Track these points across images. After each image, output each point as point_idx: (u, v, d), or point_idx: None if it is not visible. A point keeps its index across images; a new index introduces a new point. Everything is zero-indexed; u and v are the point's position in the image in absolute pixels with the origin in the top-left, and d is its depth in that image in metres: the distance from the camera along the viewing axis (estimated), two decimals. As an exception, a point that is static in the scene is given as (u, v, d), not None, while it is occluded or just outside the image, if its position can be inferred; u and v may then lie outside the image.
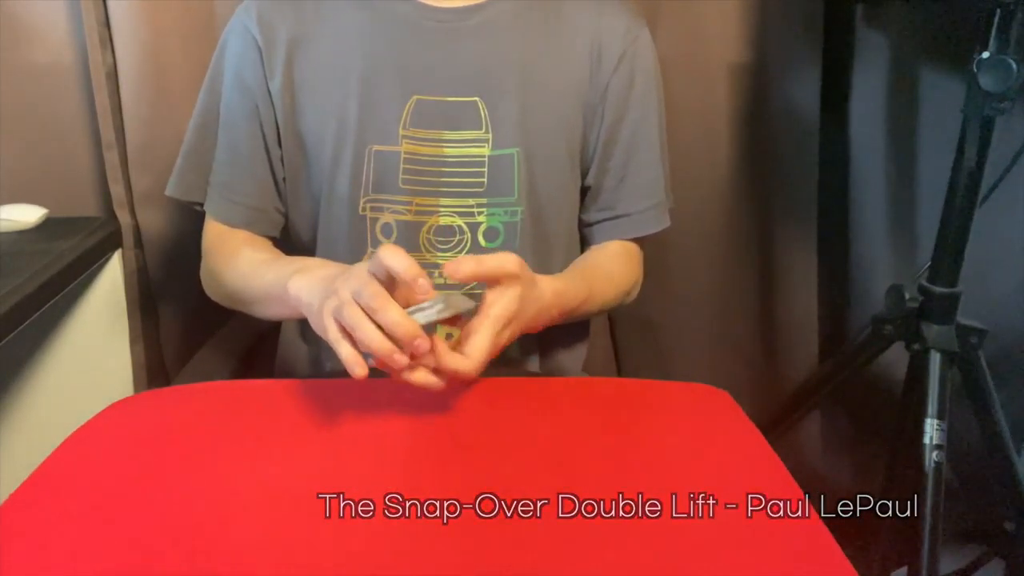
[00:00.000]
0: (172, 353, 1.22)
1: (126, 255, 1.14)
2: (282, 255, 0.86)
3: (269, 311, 0.82)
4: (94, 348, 1.15)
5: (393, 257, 0.61)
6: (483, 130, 0.85)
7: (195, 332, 1.21)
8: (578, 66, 0.88)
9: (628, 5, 0.94)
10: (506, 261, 0.67)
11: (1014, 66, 0.86)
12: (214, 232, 0.89)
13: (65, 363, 1.14)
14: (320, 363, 0.93)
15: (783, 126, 1.20)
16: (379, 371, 0.63)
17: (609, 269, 0.91)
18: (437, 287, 0.87)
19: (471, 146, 0.85)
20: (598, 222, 0.93)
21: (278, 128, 0.87)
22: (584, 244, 0.97)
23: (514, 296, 0.67)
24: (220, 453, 0.62)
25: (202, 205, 0.90)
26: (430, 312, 0.63)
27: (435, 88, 0.85)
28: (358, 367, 0.61)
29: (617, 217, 0.93)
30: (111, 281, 1.14)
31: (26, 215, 1.07)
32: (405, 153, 0.85)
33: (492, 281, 0.67)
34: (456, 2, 0.86)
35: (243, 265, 0.84)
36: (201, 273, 0.91)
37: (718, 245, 1.25)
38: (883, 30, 1.20)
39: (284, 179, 0.89)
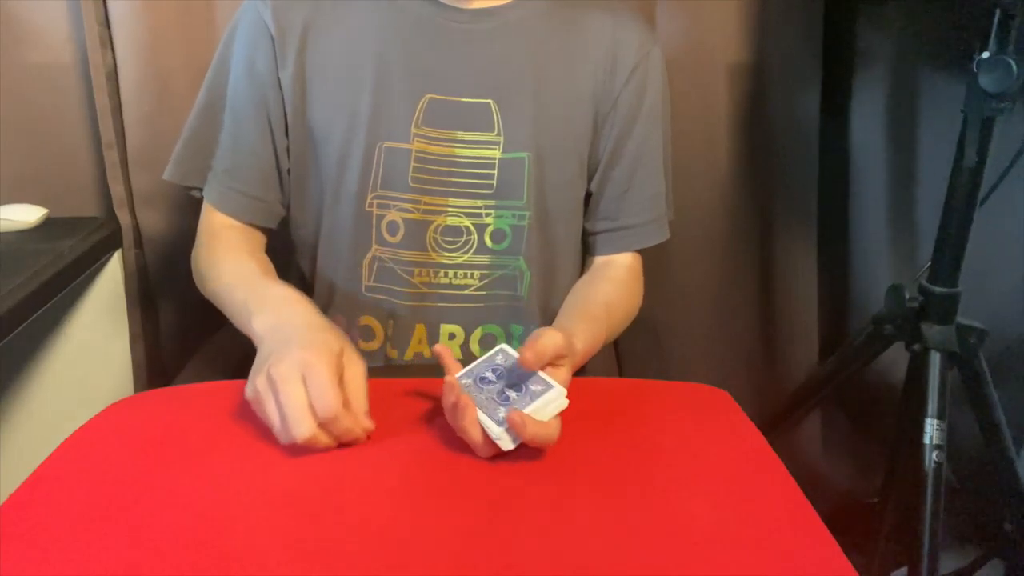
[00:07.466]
0: (172, 353, 1.22)
1: (126, 255, 1.14)
2: (267, 271, 0.83)
3: (237, 327, 0.79)
4: (94, 348, 1.15)
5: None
6: (495, 132, 0.85)
7: (195, 332, 1.21)
8: (592, 75, 0.88)
9: (642, 19, 0.95)
10: (557, 340, 0.66)
11: (1014, 66, 0.86)
12: (209, 224, 0.87)
13: (65, 363, 1.14)
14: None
15: (783, 126, 1.20)
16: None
17: (623, 304, 0.91)
18: (442, 286, 0.87)
19: (482, 148, 0.85)
20: (601, 232, 0.94)
21: (286, 119, 0.86)
22: (586, 252, 0.97)
23: (568, 372, 0.68)
24: (220, 453, 0.62)
25: (200, 191, 0.88)
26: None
27: (449, 88, 0.85)
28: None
29: (620, 228, 0.93)
30: (111, 281, 1.14)
31: (26, 215, 1.07)
32: (416, 151, 0.85)
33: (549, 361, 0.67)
34: (474, 4, 0.86)
35: (226, 275, 0.82)
36: (191, 263, 0.89)
37: (718, 245, 1.25)
38: (883, 30, 1.20)
39: (288, 171, 0.89)
